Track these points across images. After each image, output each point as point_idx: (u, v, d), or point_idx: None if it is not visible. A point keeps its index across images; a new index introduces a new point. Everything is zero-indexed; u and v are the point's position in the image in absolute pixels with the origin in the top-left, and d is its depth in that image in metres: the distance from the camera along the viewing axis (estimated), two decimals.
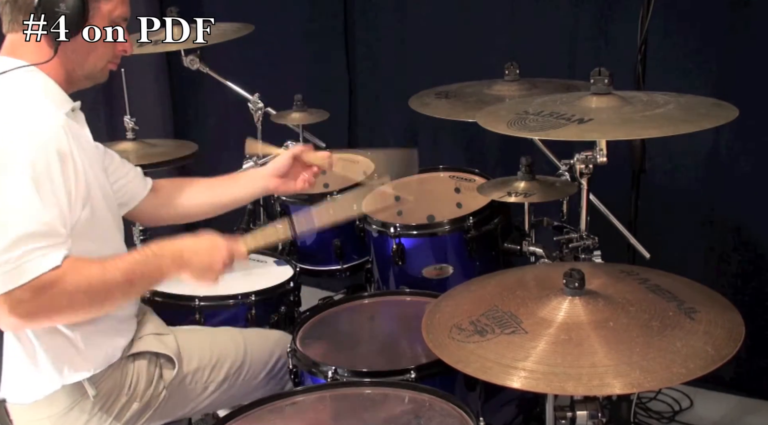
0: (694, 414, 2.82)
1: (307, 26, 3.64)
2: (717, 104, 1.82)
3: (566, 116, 1.76)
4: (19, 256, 1.49)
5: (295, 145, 2.81)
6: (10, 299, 1.50)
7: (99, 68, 1.78)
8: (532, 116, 1.81)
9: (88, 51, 1.73)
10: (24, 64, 1.67)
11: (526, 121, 1.79)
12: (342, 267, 2.68)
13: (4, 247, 1.49)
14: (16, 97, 1.64)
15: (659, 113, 1.76)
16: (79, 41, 1.70)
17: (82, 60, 1.74)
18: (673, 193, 2.92)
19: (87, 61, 1.75)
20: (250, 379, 2.03)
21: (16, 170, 1.53)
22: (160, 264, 1.67)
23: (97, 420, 1.78)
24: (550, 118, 1.77)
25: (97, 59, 1.76)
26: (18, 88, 1.66)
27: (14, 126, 1.58)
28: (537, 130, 1.74)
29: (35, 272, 1.50)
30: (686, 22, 2.75)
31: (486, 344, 1.53)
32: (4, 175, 1.53)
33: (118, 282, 1.60)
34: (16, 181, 1.53)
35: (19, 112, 1.61)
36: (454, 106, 2.38)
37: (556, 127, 1.72)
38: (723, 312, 1.57)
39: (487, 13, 3.16)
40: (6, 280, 1.49)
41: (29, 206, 1.52)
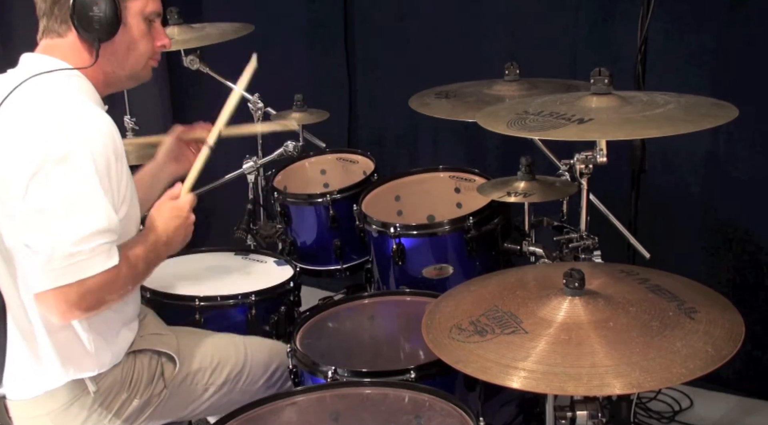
0: (694, 414, 2.82)
1: (307, 26, 3.64)
2: (717, 104, 1.82)
3: (566, 116, 1.76)
4: (91, 250, 1.56)
5: (294, 144, 2.82)
6: (64, 294, 1.55)
7: (141, 66, 1.81)
8: (531, 116, 1.81)
9: (127, 51, 1.77)
10: (67, 67, 1.70)
11: (525, 121, 1.79)
12: (342, 267, 2.68)
13: (79, 239, 1.54)
14: (70, 97, 1.67)
15: (659, 113, 1.76)
16: (117, 42, 1.73)
17: (122, 60, 1.77)
18: (673, 193, 2.92)
19: (128, 61, 1.78)
20: (249, 385, 2.03)
21: (83, 166, 1.58)
22: (159, 252, 1.80)
23: (96, 416, 1.78)
24: (550, 118, 1.77)
25: (138, 58, 1.79)
26: (67, 89, 1.69)
27: (72, 124, 1.60)
28: (537, 130, 1.74)
29: (102, 267, 1.57)
30: (686, 22, 2.75)
31: (486, 344, 1.53)
32: (72, 170, 1.57)
33: (141, 271, 1.72)
34: (84, 177, 1.58)
35: (74, 111, 1.64)
36: (454, 106, 2.38)
37: (556, 127, 1.72)
38: (723, 312, 1.57)
39: (487, 13, 3.16)
40: (76, 271, 1.55)
41: (99, 202, 1.59)
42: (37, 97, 1.65)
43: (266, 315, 2.29)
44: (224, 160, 3.02)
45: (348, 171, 2.86)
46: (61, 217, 1.55)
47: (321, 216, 2.63)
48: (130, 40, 1.76)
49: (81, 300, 1.57)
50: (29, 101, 1.64)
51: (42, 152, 1.56)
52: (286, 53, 3.68)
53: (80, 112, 1.63)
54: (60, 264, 1.54)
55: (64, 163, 1.56)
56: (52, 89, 1.67)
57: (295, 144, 2.83)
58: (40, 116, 1.61)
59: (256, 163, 2.82)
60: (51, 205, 1.55)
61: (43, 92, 1.66)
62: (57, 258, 1.54)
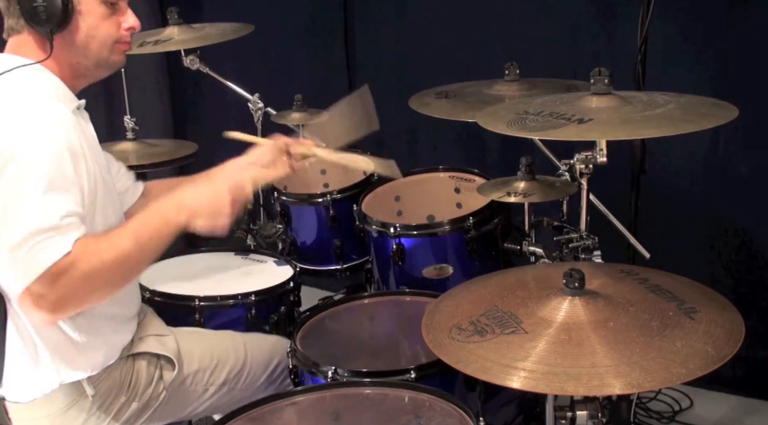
0: (694, 414, 2.82)
1: (307, 26, 3.64)
2: (717, 104, 1.82)
3: (566, 116, 1.76)
4: (30, 249, 1.49)
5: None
6: (31, 294, 1.50)
7: (107, 53, 1.73)
8: (531, 116, 1.80)
9: (86, 39, 1.69)
10: (28, 62, 1.66)
11: (525, 121, 1.79)
12: (342, 267, 2.68)
13: (16, 244, 1.49)
14: (23, 95, 1.63)
15: (659, 113, 1.75)
16: (73, 31, 1.67)
17: (83, 49, 1.70)
18: (673, 193, 2.92)
19: (90, 50, 1.70)
20: (249, 383, 2.03)
21: (29, 168, 1.52)
22: (165, 217, 1.63)
23: (95, 419, 1.78)
24: (550, 118, 1.77)
25: (101, 45, 1.71)
26: (24, 86, 1.64)
27: (25, 124, 1.56)
28: (537, 129, 1.73)
29: (47, 262, 1.49)
30: (686, 22, 2.75)
31: (486, 344, 1.53)
32: (17, 173, 1.52)
33: (129, 249, 1.58)
34: (28, 179, 1.52)
35: (29, 109, 1.59)
36: (454, 106, 2.38)
37: (556, 127, 1.71)
38: (723, 312, 1.57)
39: (487, 13, 3.16)
40: (23, 276, 1.50)
41: (39, 203, 1.51)
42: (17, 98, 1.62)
43: (266, 315, 2.29)
44: (224, 160, 3.02)
45: (348, 171, 2.86)
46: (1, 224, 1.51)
47: (321, 216, 2.63)
48: (88, 27, 1.68)
49: (40, 302, 1.51)
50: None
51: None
52: (286, 53, 3.67)
53: (33, 113, 1.58)
54: (13, 268, 1.51)
55: (5, 168, 1.52)
56: (8, 89, 1.63)
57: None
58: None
59: None
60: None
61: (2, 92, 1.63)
62: (8, 265, 1.51)
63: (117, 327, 1.81)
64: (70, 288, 1.52)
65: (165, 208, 1.64)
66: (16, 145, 1.53)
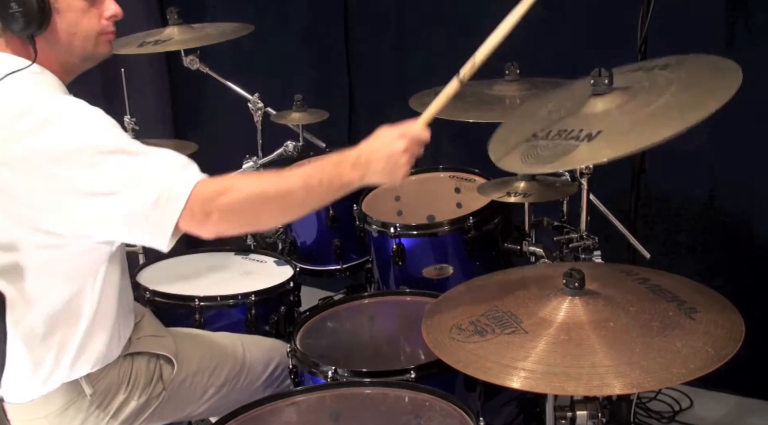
0: (694, 414, 2.82)
1: (307, 26, 3.64)
2: (719, 67, 1.79)
3: (574, 134, 1.71)
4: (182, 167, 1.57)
5: (294, 144, 2.82)
6: (193, 213, 1.53)
7: (92, 46, 1.71)
8: (542, 142, 1.75)
9: (69, 36, 1.67)
10: (23, 66, 1.64)
11: (537, 151, 1.73)
12: (342, 267, 2.68)
13: (171, 168, 1.56)
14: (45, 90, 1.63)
15: (663, 103, 1.73)
16: (55, 31, 1.65)
17: (68, 46, 1.68)
18: (673, 193, 2.92)
19: (74, 46, 1.68)
20: (248, 385, 2.03)
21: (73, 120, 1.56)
22: (340, 171, 1.62)
23: (94, 418, 1.77)
24: (560, 139, 1.72)
25: (85, 39, 1.69)
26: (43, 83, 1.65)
27: (78, 109, 1.59)
28: (551, 161, 1.66)
29: (196, 178, 1.56)
30: (686, 21, 2.75)
31: (486, 344, 1.53)
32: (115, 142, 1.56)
33: (295, 188, 1.59)
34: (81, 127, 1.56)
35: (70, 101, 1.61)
36: (454, 106, 2.37)
37: (568, 153, 1.66)
38: (723, 312, 1.57)
39: (487, 13, 3.15)
40: (179, 195, 1.53)
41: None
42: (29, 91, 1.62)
43: (266, 315, 2.29)
44: (224, 160, 3.02)
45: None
46: (129, 166, 1.54)
47: (321, 216, 2.63)
48: (68, 25, 1.65)
49: (203, 209, 1.53)
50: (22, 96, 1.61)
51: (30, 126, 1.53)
52: (286, 53, 3.67)
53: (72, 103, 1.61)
54: (145, 215, 1.53)
55: (46, 125, 1.54)
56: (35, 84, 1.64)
57: (295, 144, 2.84)
58: (41, 108, 1.57)
59: (256, 163, 2.82)
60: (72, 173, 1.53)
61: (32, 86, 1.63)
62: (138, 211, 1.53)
63: (115, 324, 1.79)
64: (230, 207, 1.54)
65: (342, 162, 1.63)
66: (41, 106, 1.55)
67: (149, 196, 1.53)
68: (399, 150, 1.64)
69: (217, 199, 1.54)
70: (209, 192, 1.55)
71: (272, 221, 1.64)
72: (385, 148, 1.64)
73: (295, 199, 1.60)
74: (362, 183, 1.63)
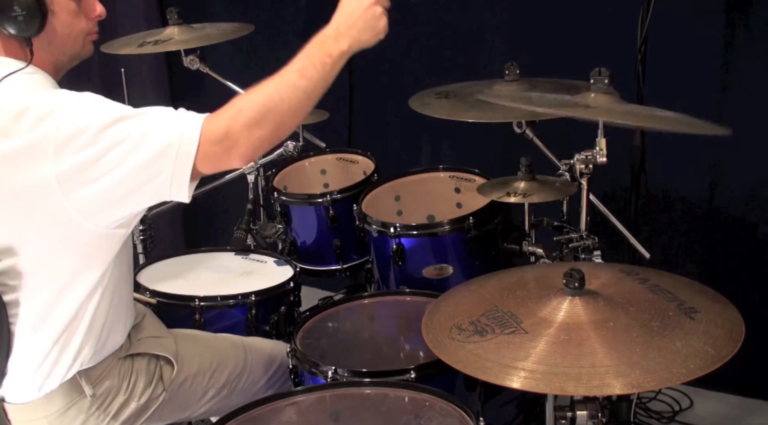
0: (694, 414, 2.82)
1: (307, 26, 3.63)
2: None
3: (570, 103, 1.74)
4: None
5: (294, 144, 2.82)
6: (219, 140, 1.55)
7: (80, 47, 1.75)
8: (535, 94, 1.78)
9: (62, 37, 1.70)
10: (21, 67, 1.65)
11: (531, 100, 1.76)
12: (342, 267, 2.68)
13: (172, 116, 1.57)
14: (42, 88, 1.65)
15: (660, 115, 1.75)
16: (49, 32, 1.67)
17: (61, 47, 1.71)
18: (673, 193, 2.92)
19: (66, 46, 1.72)
20: (249, 386, 2.03)
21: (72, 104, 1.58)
22: (327, 50, 1.68)
23: (94, 419, 1.77)
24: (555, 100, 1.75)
25: (75, 40, 1.73)
26: (38, 83, 1.66)
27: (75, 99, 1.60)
28: (545, 105, 1.71)
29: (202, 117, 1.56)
30: (686, 21, 2.75)
31: (486, 344, 1.53)
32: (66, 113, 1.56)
33: (294, 82, 1.65)
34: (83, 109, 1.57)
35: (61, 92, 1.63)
36: (454, 106, 2.38)
37: (565, 105, 1.69)
38: (723, 312, 1.57)
39: (487, 13, 3.16)
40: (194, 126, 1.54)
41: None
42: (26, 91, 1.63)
43: (266, 315, 2.29)
44: None
45: (348, 171, 2.86)
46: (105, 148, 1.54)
47: (321, 216, 2.63)
48: (62, 26, 1.68)
49: (233, 136, 1.55)
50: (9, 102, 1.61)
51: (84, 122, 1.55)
52: (286, 53, 3.66)
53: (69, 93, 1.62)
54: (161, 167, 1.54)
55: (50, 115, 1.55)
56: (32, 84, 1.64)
57: (295, 144, 2.84)
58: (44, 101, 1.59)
59: (256, 163, 2.82)
60: (127, 131, 1.54)
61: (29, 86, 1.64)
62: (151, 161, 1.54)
63: (115, 318, 1.79)
64: (249, 128, 1.56)
65: (324, 40, 1.69)
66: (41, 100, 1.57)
67: (161, 146, 1.54)
68: (369, 3, 1.69)
69: (233, 126, 1.55)
70: (221, 125, 1.55)
71: (291, 122, 1.66)
72: (357, 8, 1.70)
73: (301, 92, 1.65)
74: (353, 49, 1.70)
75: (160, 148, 1.54)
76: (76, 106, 1.59)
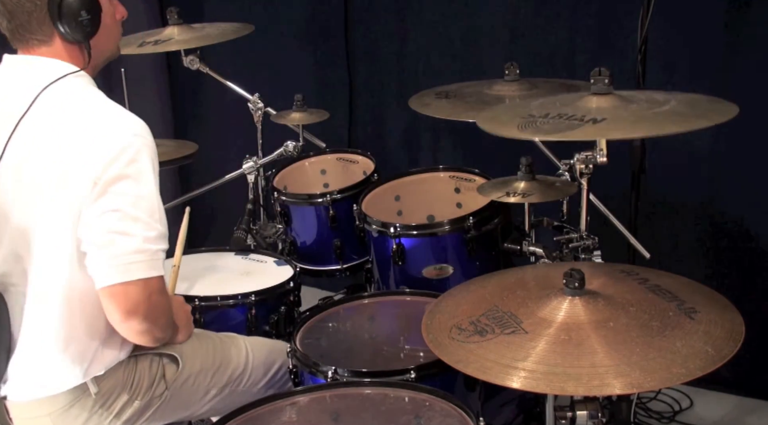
0: (694, 414, 2.82)
1: (307, 26, 3.64)
2: (713, 101, 1.82)
3: (576, 117, 1.74)
4: (154, 252, 1.62)
5: (294, 144, 2.82)
6: (143, 288, 1.62)
7: (116, 47, 1.85)
8: (540, 119, 1.78)
9: (106, 38, 1.78)
10: (76, 69, 1.71)
11: (537, 124, 1.76)
12: (342, 267, 2.68)
13: (154, 237, 1.61)
14: (102, 98, 1.70)
15: (666, 111, 1.74)
16: (99, 35, 1.73)
17: (104, 49, 1.79)
18: (673, 193, 2.92)
19: (108, 47, 1.81)
20: (250, 387, 2.03)
21: (148, 166, 1.63)
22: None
23: (97, 417, 1.78)
24: (560, 120, 1.75)
25: (114, 41, 1.83)
26: (89, 89, 1.71)
27: (129, 123, 1.64)
28: (553, 132, 1.71)
29: (160, 271, 1.64)
30: (686, 21, 2.75)
31: (486, 344, 1.53)
32: (141, 171, 1.61)
33: (166, 319, 1.76)
34: (149, 177, 1.63)
35: (121, 110, 1.67)
36: (454, 106, 2.38)
37: (572, 128, 1.69)
38: (723, 312, 1.57)
39: (487, 13, 3.16)
40: (142, 269, 1.61)
41: (159, 204, 1.65)
42: (79, 99, 1.68)
43: (266, 315, 2.30)
44: (224, 160, 3.02)
45: (348, 171, 2.86)
46: (132, 217, 1.59)
47: (321, 217, 2.63)
48: (107, 30, 1.76)
49: (146, 300, 1.62)
50: (66, 104, 1.66)
51: (111, 153, 1.59)
52: (286, 53, 3.68)
53: (125, 112, 1.68)
54: (127, 260, 1.59)
55: (134, 163, 1.60)
56: (83, 91, 1.70)
57: (295, 144, 2.84)
58: (93, 118, 1.64)
59: (256, 163, 2.82)
60: (123, 204, 1.59)
61: (79, 94, 1.69)
62: (133, 251, 1.59)
63: None
64: (160, 307, 1.67)
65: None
66: (138, 143, 1.62)
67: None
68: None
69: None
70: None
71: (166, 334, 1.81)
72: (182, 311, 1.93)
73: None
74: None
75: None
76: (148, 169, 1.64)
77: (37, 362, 1.71)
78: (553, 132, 1.72)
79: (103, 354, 1.75)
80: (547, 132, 1.73)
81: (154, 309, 1.65)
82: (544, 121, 1.76)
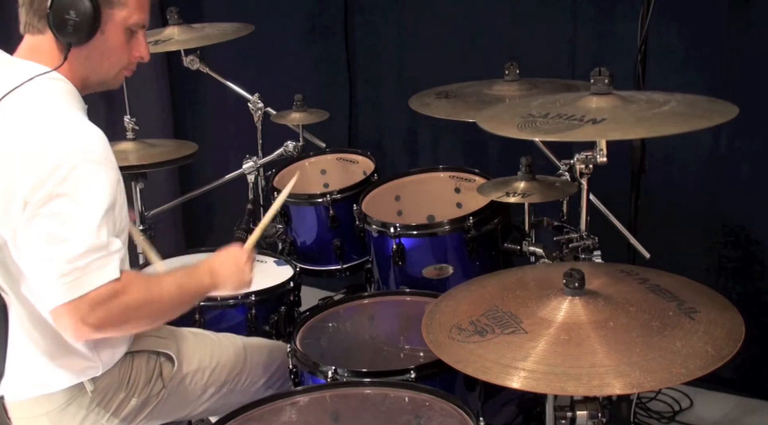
0: (694, 414, 2.82)
1: (307, 26, 3.64)
2: (713, 101, 1.82)
3: (576, 117, 1.74)
4: (86, 265, 1.51)
5: (294, 144, 2.82)
6: (71, 311, 1.52)
7: (113, 75, 1.75)
8: (540, 119, 1.78)
9: (100, 58, 1.70)
10: (47, 70, 1.65)
11: (536, 124, 1.76)
12: (342, 267, 2.68)
13: (74, 257, 1.51)
14: (56, 104, 1.63)
15: (666, 111, 1.75)
16: (91, 47, 1.67)
17: (95, 66, 1.71)
18: (673, 193, 2.92)
19: (101, 68, 1.72)
20: (249, 386, 2.03)
21: (83, 182, 1.54)
22: (201, 280, 1.74)
23: (94, 415, 1.78)
24: (560, 120, 1.75)
25: (111, 67, 1.73)
26: (51, 95, 1.64)
27: (76, 135, 1.57)
28: (553, 132, 1.71)
29: (101, 280, 1.53)
30: (686, 21, 2.75)
31: (486, 344, 1.53)
32: (73, 188, 1.53)
33: (172, 295, 1.67)
34: (94, 193, 1.55)
35: (71, 120, 1.60)
36: (454, 106, 2.38)
37: (572, 129, 1.70)
38: (723, 312, 1.57)
39: (487, 13, 3.16)
40: (68, 291, 1.51)
41: (99, 220, 1.54)
42: (25, 109, 1.61)
43: (266, 315, 2.30)
44: (224, 160, 3.03)
45: (348, 171, 2.86)
46: (61, 238, 1.52)
47: (321, 217, 2.63)
48: (105, 48, 1.69)
49: (91, 314, 1.53)
50: (18, 113, 1.60)
51: (41, 173, 1.52)
52: (286, 53, 3.68)
53: (72, 126, 1.59)
54: (63, 281, 1.51)
55: (67, 181, 1.52)
56: (38, 99, 1.63)
57: (295, 144, 2.84)
58: (33, 134, 1.57)
59: (256, 163, 2.82)
60: (53, 225, 1.52)
61: (36, 104, 1.62)
62: (58, 276, 1.51)
63: None
64: (112, 314, 1.56)
65: (201, 271, 1.75)
66: (74, 157, 1.54)
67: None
68: (243, 265, 1.81)
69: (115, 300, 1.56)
70: (103, 295, 1.55)
71: (146, 326, 1.73)
72: (233, 263, 1.81)
73: (172, 306, 1.69)
74: (213, 289, 1.77)
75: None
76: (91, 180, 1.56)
77: (33, 361, 1.71)
78: (553, 132, 1.72)
79: (98, 354, 1.74)
80: (547, 132, 1.73)
81: (104, 320, 1.55)
82: (544, 121, 1.77)
